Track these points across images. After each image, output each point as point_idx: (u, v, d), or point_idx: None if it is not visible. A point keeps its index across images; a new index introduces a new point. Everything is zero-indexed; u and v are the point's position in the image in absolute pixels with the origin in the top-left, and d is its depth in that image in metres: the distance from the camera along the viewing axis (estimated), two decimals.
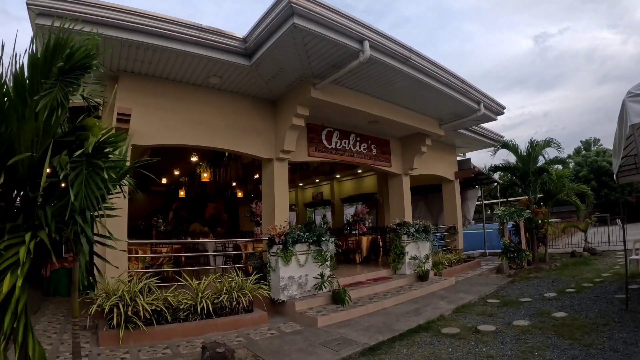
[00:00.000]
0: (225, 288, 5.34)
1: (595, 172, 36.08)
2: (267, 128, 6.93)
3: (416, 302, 6.41)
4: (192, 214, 20.26)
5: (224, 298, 5.19)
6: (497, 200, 13.83)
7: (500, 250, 9.72)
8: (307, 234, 6.32)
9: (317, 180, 17.76)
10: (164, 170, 16.16)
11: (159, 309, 4.63)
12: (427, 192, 14.75)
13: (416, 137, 9.04)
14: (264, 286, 5.91)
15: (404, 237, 8.20)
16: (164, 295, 4.90)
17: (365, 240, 10.10)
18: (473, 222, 13.98)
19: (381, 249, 10.23)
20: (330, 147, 7.84)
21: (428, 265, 8.40)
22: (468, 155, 12.97)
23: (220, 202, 20.99)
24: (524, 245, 9.48)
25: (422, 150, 9.00)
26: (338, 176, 16.26)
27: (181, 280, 5.35)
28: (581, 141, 44.90)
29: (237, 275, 5.64)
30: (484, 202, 14.57)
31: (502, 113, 8.41)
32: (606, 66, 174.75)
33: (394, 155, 9.30)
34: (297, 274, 6.18)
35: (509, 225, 10.27)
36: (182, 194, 16.64)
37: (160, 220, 8.17)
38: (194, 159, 11.86)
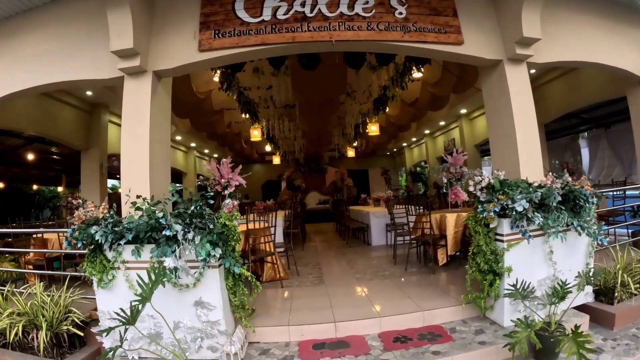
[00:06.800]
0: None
1: None
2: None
3: None
4: (310, 182, 18.26)
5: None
6: None
7: None
8: (142, 221, 2.67)
9: (442, 123, 12.42)
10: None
11: None
12: (611, 119, 7.97)
13: None
14: (76, 318, 3.11)
15: (503, 225, 3.08)
16: None
17: (451, 222, 4.64)
18: None
19: None
20: (256, 20, 3.54)
21: (577, 300, 2.85)
22: None
23: (336, 165, 18.01)
24: None
25: None
26: (464, 111, 10.65)
27: None
28: None
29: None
30: None
31: None
32: None
33: (470, 19, 3.84)
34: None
35: None
36: (276, 160, 14.58)
37: (80, 200, 5.14)
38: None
